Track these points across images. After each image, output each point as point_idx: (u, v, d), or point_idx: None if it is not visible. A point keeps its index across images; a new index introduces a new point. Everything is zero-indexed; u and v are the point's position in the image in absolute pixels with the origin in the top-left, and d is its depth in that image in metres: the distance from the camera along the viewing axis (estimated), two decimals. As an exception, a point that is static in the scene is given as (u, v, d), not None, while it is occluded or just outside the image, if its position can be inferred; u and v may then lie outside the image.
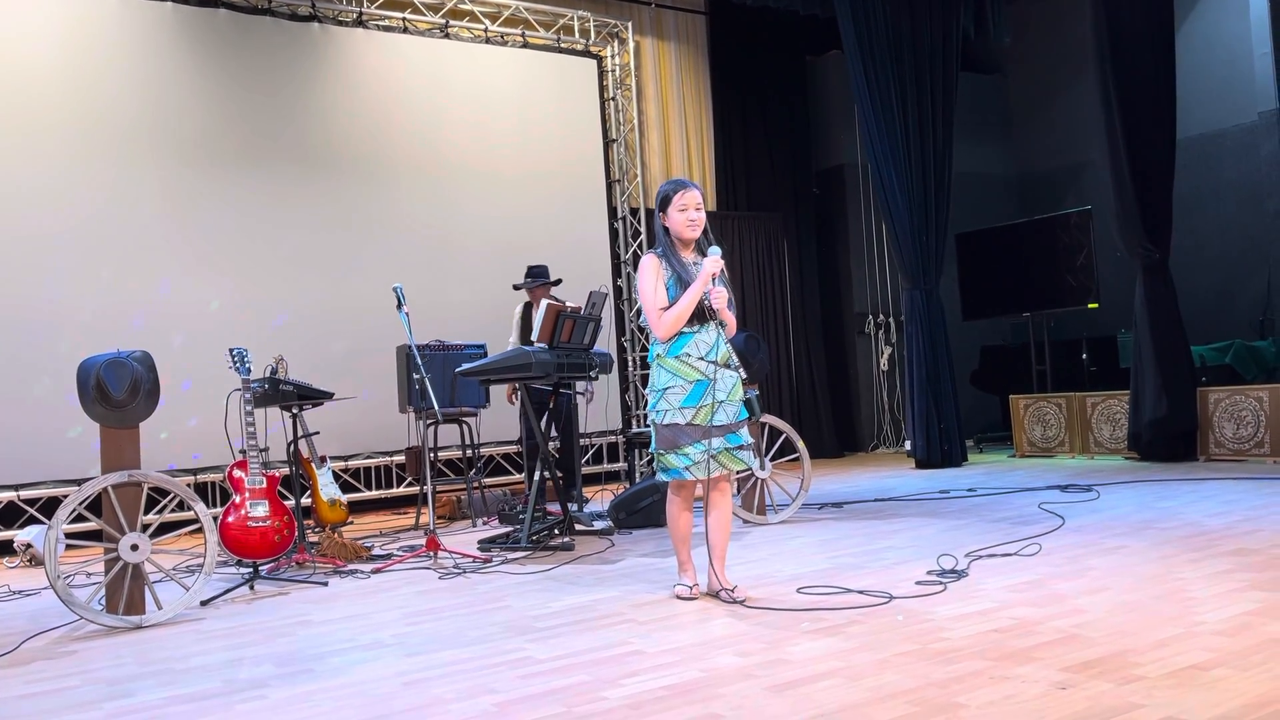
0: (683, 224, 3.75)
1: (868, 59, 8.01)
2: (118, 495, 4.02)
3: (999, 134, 11.02)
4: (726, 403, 3.71)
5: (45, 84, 6.64)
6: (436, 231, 8.01)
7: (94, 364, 4.11)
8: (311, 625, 3.79)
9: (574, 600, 3.92)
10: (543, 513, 5.86)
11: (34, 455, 6.39)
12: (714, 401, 3.68)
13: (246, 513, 4.64)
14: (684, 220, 3.75)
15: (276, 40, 7.45)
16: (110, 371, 4.07)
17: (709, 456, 3.68)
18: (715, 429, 3.69)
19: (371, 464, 7.55)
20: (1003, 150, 11.03)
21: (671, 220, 3.78)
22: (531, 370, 5.15)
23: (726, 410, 3.71)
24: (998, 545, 4.45)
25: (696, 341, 3.72)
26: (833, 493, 6.87)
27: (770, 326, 9.60)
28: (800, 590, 3.80)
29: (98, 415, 4.09)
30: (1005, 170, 11.02)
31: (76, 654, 3.59)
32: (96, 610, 3.96)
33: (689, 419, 3.68)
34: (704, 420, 3.68)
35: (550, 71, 8.69)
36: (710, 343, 3.73)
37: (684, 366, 3.71)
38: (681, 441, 3.69)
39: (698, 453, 3.68)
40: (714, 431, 3.69)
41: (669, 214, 3.78)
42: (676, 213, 3.76)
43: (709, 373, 3.70)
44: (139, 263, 6.86)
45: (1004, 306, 9.36)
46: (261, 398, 5.15)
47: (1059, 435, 8.35)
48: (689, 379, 3.69)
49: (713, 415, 3.68)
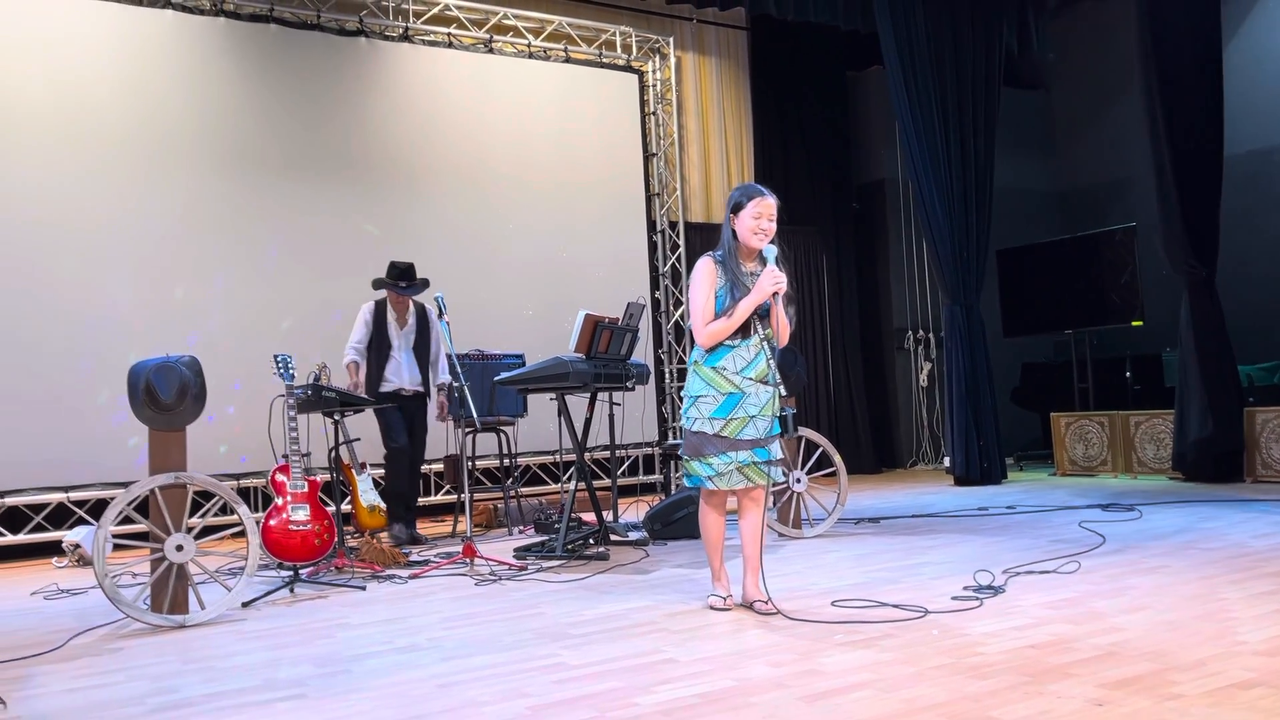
0: (751, 230, 3.66)
1: (909, 74, 7.99)
2: (164, 496, 4.11)
3: (1042, 149, 10.93)
4: (758, 417, 3.66)
5: (104, 98, 6.83)
6: (478, 242, 8.09)
7: (144, 368, 4.21)
8: (350, 628, 3.84)
9: (608, 609, 3.94)
10: (578, 522, 5.89)
11: (83, 458, 6.54)
12: (745, 416, 3.65)
13: (288, 516, 4.71)
14: (753, 227, 3.66)
15: (325, 54, 7.60)
16: (159, 375, 4.17)
17: (734, 469, 3.66)
18: (743, 443, 3.65)
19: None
20: (1046, 166, 10.94)
21: (741, 224, 3.69)
22: (569, 380, 5.19)
23: (757, 425, 3.66)
24: (1036, 562, 4.40)
25: (735, 355, 3.68)
26: (870, 508, 6.83)
27: (809, 341, 9.58)
28: (834, 603, 3.78)
29: (146, 418, 4.19)
30: (1048, 186, 10.92)
31: (122, 651, 3.67)
32: (142, 609, 4.04)
33: (716, 430, 3.65)
34: (732, 433, 3.65)
35: (592, 86, 8.76)
36: (749, 359, 3.69)
37: (718, 377, 3.68)
38: (706, 451, 3.67)
39: (722, 463, 3.66)
40: (741, 445, 3.65)
41: (740, 218, 3.69)
42: (749, 219, 3.67)
43: (743, 387, 3.66)
44: (192, 270, 7.02)
45: (1046, 323, 9.26)
46: (304, 404, 5.23)
47: (1101, 454, 8.23)
48: (721, 390, 3.67)
49: (742, 429, 3.65)
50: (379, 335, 6.12)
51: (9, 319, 6.44)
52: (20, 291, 6.49)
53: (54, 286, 6.59)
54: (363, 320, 6.15)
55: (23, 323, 6.48)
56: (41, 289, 6.55)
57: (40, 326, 6.53)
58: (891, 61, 7.99)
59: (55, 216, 6.63)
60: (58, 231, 6.63)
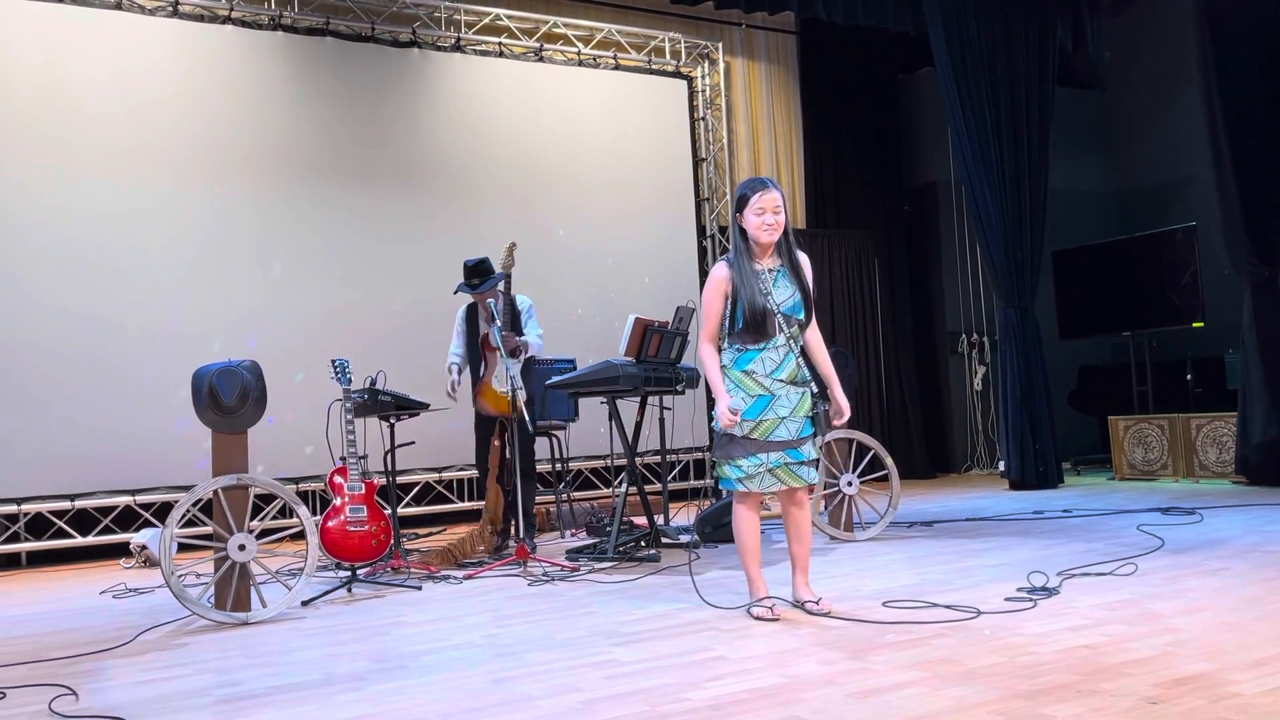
0: (758, 226, 3.64)
1: (960, 75, 7.94)
2: (227, 498, 4.23)
3: (1098, 149, 10.77)
4: (789, 419, 3.65)
5: (168, 111, 7.04)
6: (529, 247, 8.13)
7: (207, 372, 4.35)
8: (406, 626, 3.93)
9: (658, 608, 3.98)
10: (629, 525, 5.94)
11: (149, 461, 6.74)
12: (775, 417, 3.63)
13: (346, 517, 4.82)
14: (759, 223, 3.64)
15: (379, 65, 7.76)
16: (222, 379, 4.30)
17: (765, 471, 3.64)
18: (773, 444, 3.64)
19: (464, 475, 7.73)
20: (1102, 166, 10.77)
21: (747, 222, 3.67)
22: (620, 384, 5.25)
23: (789, 426, 3.65)
24: (1092, 565, 4.35)
25: (763, 359, 3.67)
26: (923, 511, 6.79)
27: (860, 344, 9.54)
28: (886, 604, 3.78)
29: (210, 421, 4.32)
30: (1105, 186, 10.75)
31: (188, 646, 3.79)
32: (206, 606, 4.17)
33: (745, 432, 3.63)
34: (762, 435, 3.63)
35: (641, 92, 8.83)
36: (778, 360, 3.67)
37: (748, 380, 3.67)
38: (735, 453, 3.66)
39: (751, 465, 3.64)
40: (772, 447, 3.64)
41: (745, 215, 3.67)
42: (753, 215, 3.65)
43: (773, 389, 3.65)
44: (251, 276, 7.19)
45: (1103, 325, 9.13)
46: (361, 407, 5.35)
47: (1161, 458, 8.09)
48: (751, 393, 3.65)
49: (773, 430, 3.64)
50: (473, 338, 5.92)
51: (78, 328, 6.65)
52: (88, 301, 6.70)
53: (120, 296, 6.79)
54: (457, 328, 6.02)
55: (91, 331, 6.69)
56: (108, 298, 6.76)
57: (107, 335, 6.74)
58: (942, 63, 7.94)
59: (120, 228, 6.84)
60: (124, 242, 6.83)
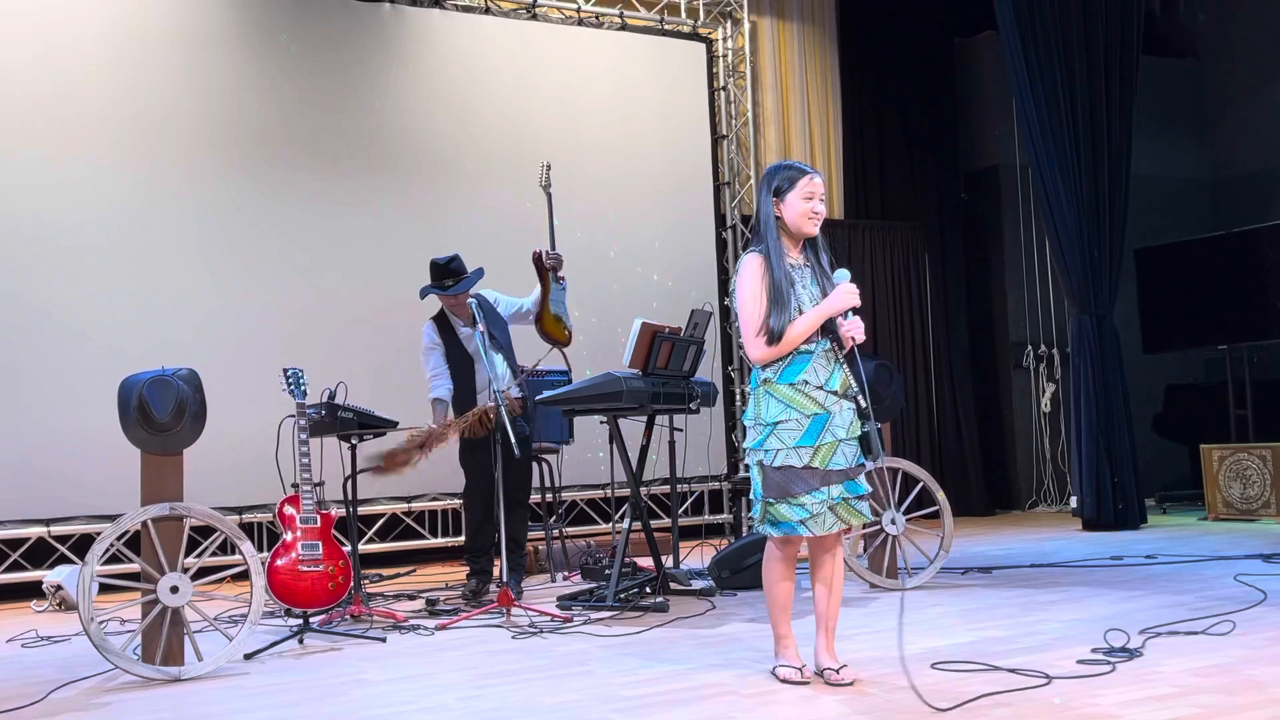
0: (804, 215, 3.60)
1: (1029, 41, 7.94)
2: (158, 530, 4.22)
3: (1191, 130, 10.77)
4: (846, 441, 3.57)
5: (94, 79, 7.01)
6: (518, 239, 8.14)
7: (137, 382, 4.34)
8: (367, 685, 3.91)
9: (667, 668, 3.96)
10: (633, 567, 5.92)
11: (67, 487, 6.72)
12: (834, 440, 3.54)
13: (298, 555, 4.81)
14: (806, 211, 3.60)
15: (343, 24, 7.76)
16: (154, 390, 4.29)
17: (828, 508, 3.54)
18: (834, 474, 3.55)
19: (437, 506, 7.71)
20: (1195, 150, 10.77)
21: (790, 208, 3.62)
22: (623, 400, 5.24)
23: (845, 452, 3.57)
24: (1181, 621, 4.34)
25: (814, 367, 3.57)
26: (980, 555, 6.78)
27: (907, 356, 9.52)
28: (935, 666, 3.77)
29: (139, 439, 4.31)
30: (1198, 174, 10.75)
31: (109, 706, 3.79)
32: (132, 659, 4.15)
33: (806, 460, 3.52)
34: (822, 462, 3.52)
35: (651, 57, 8.85)
36: (829, 368, 3.60)
37: (800, 396, 3.56)
38: (796, 489, 3.52)
39: (815, 502, 3.52)
40: (832, 478, 3.54)
41: (788, 200, 3.61)
42: (800, 200, 3.60)
43: (828, 404, 3.57)
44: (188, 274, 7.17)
45: (1195, 337, 9.12)
46: (317, 425, 5.31)
47: (1263, 495, 8.08)
48: (806, 412, 3.54)
49: (832, 457, 3.54)
50: (454, 351, 5.88)
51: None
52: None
53: (34, 295, 6.78)
54: (427, 344, 5.90)
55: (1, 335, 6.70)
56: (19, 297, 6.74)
57: (19, 338, 6.73)
58: (1007, 25, 7.95)
59: (35, 208, 6.83)
60: (40, 236, 6.82)
